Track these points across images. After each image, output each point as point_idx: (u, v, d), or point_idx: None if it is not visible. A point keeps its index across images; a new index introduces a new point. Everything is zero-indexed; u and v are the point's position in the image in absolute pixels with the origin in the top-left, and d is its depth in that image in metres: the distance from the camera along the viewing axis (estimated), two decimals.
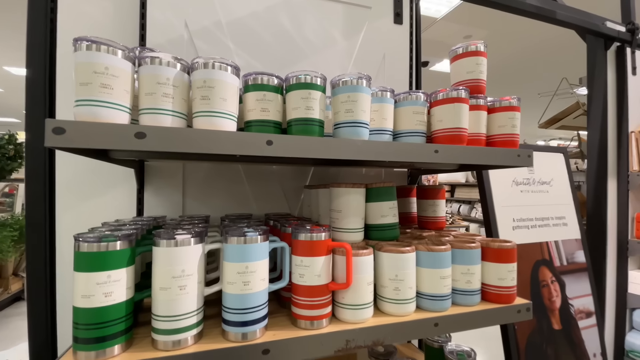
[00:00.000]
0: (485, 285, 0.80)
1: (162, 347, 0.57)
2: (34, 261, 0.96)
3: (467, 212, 5.94)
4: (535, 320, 1.04)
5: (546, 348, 1.04)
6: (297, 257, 0.67)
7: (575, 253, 1.16)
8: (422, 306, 0.75)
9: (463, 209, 6.05)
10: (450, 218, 5.16)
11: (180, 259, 0.57)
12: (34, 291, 0.97)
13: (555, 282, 1.10)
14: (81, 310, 0.53)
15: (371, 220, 0.84)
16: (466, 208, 6.02)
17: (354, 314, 0.68)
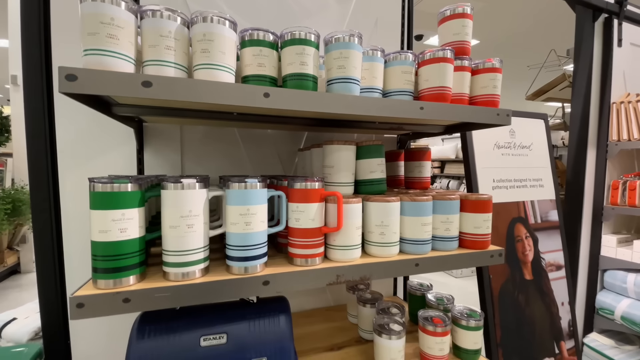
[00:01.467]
0: (463, 234, 0.89)
1: (172, 278, 0.63)
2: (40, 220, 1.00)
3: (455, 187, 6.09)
4: (509, 271, 1.15)
5: (518, 295, 1.15)
6: (293, 204, 0.73)
7: (549, 212, 1.26)
8: (405, 250, 0.83)
9: (452, 184, 6.19)
10: None
11: (187, 200, 0.63)
12: (41, 252, 1.02)
13: (529, 237, 1.20)
14: (99, 243, 0.59)
15: (361, 176, 0.91)
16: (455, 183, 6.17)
17: (343, 253, 0.76)
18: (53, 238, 1.02)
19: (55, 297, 1.03)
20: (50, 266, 1.02)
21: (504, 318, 1.11)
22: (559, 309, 1.22)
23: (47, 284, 1.03)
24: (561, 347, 1.21)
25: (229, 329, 0.72)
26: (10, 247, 4.29)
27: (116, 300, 0.58)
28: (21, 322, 1.35)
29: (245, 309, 0.77)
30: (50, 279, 1.03)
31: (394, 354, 0.86)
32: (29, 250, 4.41)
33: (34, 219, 1.02)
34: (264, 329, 0.74)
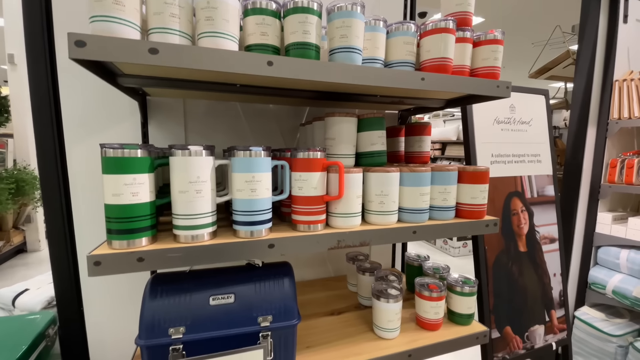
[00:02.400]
0: (460, 204, 0.92)
1: (183, 241, 0.67)
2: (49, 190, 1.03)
3: None
4: (504, 243, 1.19)
5: (511, 266, 1.20)
6: (296, 172, 0.76)
7: (545, 187, 1.29)
8: (403, 219, 0.86)
9: None
10: None
11: (195, 166, 0.65)
12: (52, 221, 1.05)
13: (524, 211, 1.23)
14: (113, 206, 0.62)
15: (362, 148, 0.93)
16: None
17: (344, 221, 0.79)
18: (62, 209, 1.05)
19: (67, 265, 1.07)
20: (61, 235, 1.06)
21: (497, 287, 1.16)
22: (550, 280, 1.27)
23: (59, 252, 1.07)
24: (551, 315, 1.27)
25: (236, 289, 0.76)
26: (15, 226, 4.37)
27: (131, 259, 0.62)
28: (33, 293, 1.41)
29: (251, 272, 0.81)
30: (61, 247, 1.06)
31: (391, 316, 0.91)
32: (34, 229, 4.49)
33: (43, 190, 1.05)
34: (269, 290, 0.78)
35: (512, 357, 1.16)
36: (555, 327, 1.27)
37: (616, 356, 1.76)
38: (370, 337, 0.94)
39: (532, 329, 1.22)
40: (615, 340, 1.76)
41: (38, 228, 4.49)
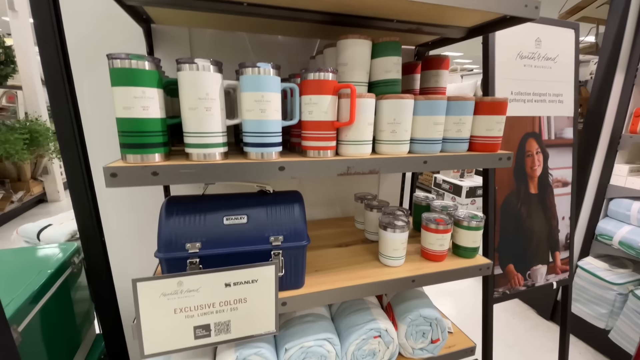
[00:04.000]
0: (474, 137, 0.90)
1: (195, 159, 0.68)
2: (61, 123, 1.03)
3: None
4: (515, 184, 1.18)
5: (520, 207, 1.20)
6: (306, 96, 0.74)
7: (564, 129, 1.24)
8: (415, 150, 0.85)
9: None
10: None
11: (203, 82, 0.64)
12: (68, 156, 1.06)
13: (539, 153, 1.20)
14: (125, 120, 0.62)
15: (375, 76, 0.89)
16: None
17: (355, 148, 0.78)
18: (77, 143, 1.06)
19: (86, 196, 1.12)
20: (77, 168, 1.08)
21: (504, 227, 1.17)
22: (558, 222, 1.27)
23: (77, 186, 1.10)
24: (555, 256, 1.29)
25: (248, 211, 0.79)
26: (34, 177, 4.52)
27: (145, 172, 0.63)
28: (57, 227, 1.49)
29: (263, 198, 0.83)
30: (79, 181, 1.10)
31: (397, 245, 0.93)
32: (52, 181, 4.66)
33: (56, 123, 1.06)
34: (280, 213, 0.81)
35: (512, 292, 1.21)
36: (558, 268, 1.30)
37: (615, 303, 1.82)
38: (376, 264, 0.98)
39: (535, 268, 1.25)
40: (616, 288, 1.81)
41: (56, 179, 4.65)
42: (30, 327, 0.92)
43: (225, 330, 0.77)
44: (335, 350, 0.91)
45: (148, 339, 0.71)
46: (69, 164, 1.07)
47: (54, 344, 1.02)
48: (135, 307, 0.69)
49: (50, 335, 1.01)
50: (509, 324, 2.26)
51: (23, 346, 0.87)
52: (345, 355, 0.93)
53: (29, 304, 0.93)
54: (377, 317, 0.97)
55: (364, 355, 0.94)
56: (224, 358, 0.82)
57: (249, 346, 0.83)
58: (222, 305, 0.75)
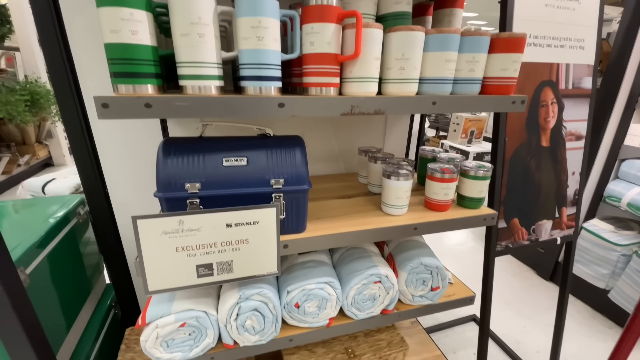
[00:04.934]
0: (487, 78, 0.84)
1: (190, 91, 0.64)
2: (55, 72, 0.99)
3: None
4: (526, 136, 1.13)
5: (530, 160, 1.16)
6: (308, 24, 0.68)
7: (583, 79, 1.17)
8: (423, 91, 0.80)
9: None
10: None
11: (195, 3, 0.59)
12: (67, 112, 1.03)
13: (555, 104, 1.14)
14: (113, 45, 0.58)
15: (384, 9, 0.83)
16: None
17: (359, 86, 0.74)
18: (74, 97, 1.02)
19: (87, 152, 1.10)
20: (77, 123, 1.05)
21: (511, 180, 1.14)
22: (568, 177, 1.24)
23: (77, 139, 1.08)
24: (562, 212, 1.27)
25: (248, 154, 0.76)
26: (39, 141, 4.53)
27: (138, 104, 0.60)
28: (61, 180, 1.50)
29: (263, 141, 0.80)
30: (79, 134, 1.07)
31: (400, 193, 0.91)
32: (57, 144, 4.66)
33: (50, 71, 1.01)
34: (281, 156, 0.78)
35: (515, 246, 1.20)
36: (564, 224, 1.28)
37: (617, 264, 1.83)
38: (378, 214, 0.96)
39: (540, 223, 1.23)
40: (619, 249, 1.81)
41: (61, 143, 4.66)
42: (38, 270, 0.94)
43: (227, 270, 0.77)
44: (336, 293, 0.92)
45: (151, 276, 0.72)
46: (67, 116, 1.04)
47: (63, 289, 1.05)
48: (137, 244, 0.69)
49: (59, 281, 1.03)
50: (508, 283, 2.30)
51: (32, 289, 0.90)
52: (345, 298, 0.95)
53: (35, 248, 0.95)
54: (377, 264, 0.97)
55: (364, 299, 0.96)
56: (227, 297, 0.83)
57: (251, 286, 0.85)
58: (223, 246, 0.75)
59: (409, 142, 1.47)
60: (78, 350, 1.10)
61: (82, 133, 1.08)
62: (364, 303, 0.97)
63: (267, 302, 0.85)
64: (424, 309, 1.06)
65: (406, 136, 1.44)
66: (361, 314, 0.98)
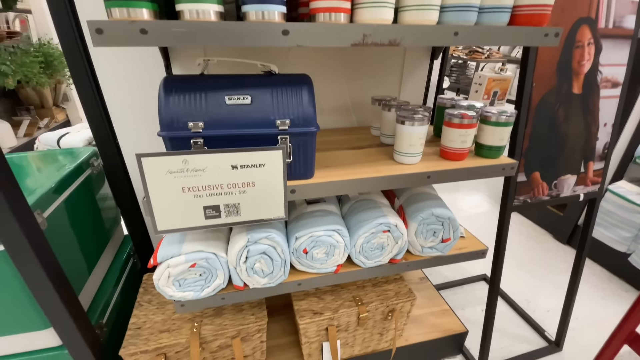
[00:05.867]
0: (518, 7, 0.75)
1: (187, 17, 0.59)
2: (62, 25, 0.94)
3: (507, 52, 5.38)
4: (556, 81, 1.03)
5: (558, 109, 1.07)
6: None
7: (625, 17, 1.04)
8: (445, 20, 0.72)
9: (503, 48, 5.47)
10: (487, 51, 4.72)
11: None
12: (75, 67, 1.00)
13: (591, 44, 1.03)
14: None
15: None
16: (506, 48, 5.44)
17: (373, 12, 0.67)
18: (79, 47, 0.98)
19: (96, 104, 1.08)
20: (84, 77, 1.03)
21: (536, 130, 1.06)
22: (599, 129, 1.14)
23: (87, 93, 1.06)
24: (588, 166, 1.19)
25: (252, 92, 0.73)
26: (56, 104, 4.60)
27: (133, 29, 0.56)
28: (74, 134, 1.52)
29: (267, 78, 0.76)
30: (88, 89, 1.05)
31: (414, 140, 0.87)
32: (74, 108, 4.73)
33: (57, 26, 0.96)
34: (287, 96, 0.74)
35: (533, 201, 1.15)
36: (589, 180, 1.21)
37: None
38: (390, 163, 0.93)
39: (563, 178, 1.17)
40: None
41: (77, 106, 4.72)
42: (55, 214, 0.97)
43: (235, 213, 0.77)
44: (344, 241, 0.92)
45: (159, 216, 0.73)
46: (75, 72, 1.02)
47: (81, 235, 1.09)
48: (143, 183, 0.69)
49: (77, 227, 1.07)
50: (523, 245, 2.27)
51: (51, 232, 0.93)
52: (354, 247, 0.94)
53: (52, 193, 0.97)
54: (387, 214, 0.95)
55: (372, 248, 0.95)
56: (236, 240, 0.84)
57: (260, 230, 0.85)
58: (230, 188, 0.74)
59: (426, 94, 1.38)
60: (99, 294, 1.16)
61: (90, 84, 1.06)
62: (372, 252, 0.96)
63: (275, 246, 0.85)
64: (434, 260, 1.05)
65: (424, 86, 1.36)
66: (369, 262, 0.97)
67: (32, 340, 0.93)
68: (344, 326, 1.11)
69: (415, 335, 1.35)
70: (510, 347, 1.53)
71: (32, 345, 0.95)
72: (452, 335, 1.37)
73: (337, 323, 1.09)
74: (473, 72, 5.12)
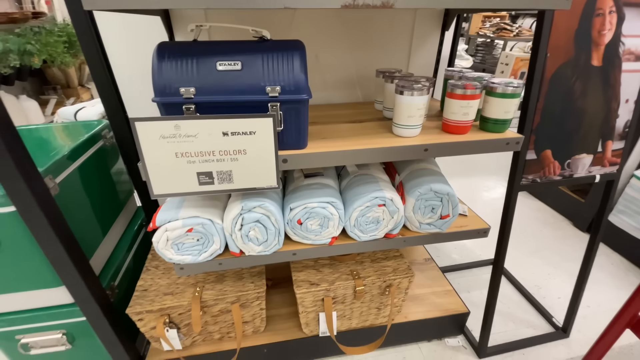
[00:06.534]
0: None
1: None
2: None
3: None
4: (573, 52, 0.96)
5: (574, 82, 1.00)
6: None
7: None
8: None
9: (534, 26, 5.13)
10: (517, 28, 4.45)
11: None
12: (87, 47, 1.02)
13: (613, 12, 0.94)
14: None
15: None
16: None
17: None
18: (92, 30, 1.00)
19: (106, 76, 1.11)
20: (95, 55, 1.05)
21: (549, 104, 1.00)
22: (619, 105, 1.06)
23: (98, 71, 1.08)
24: (606, 146, 1.12)
25: (243, 58, 0.72)
26: (81, 84, 4.78)
27: None
28: (90, 108, 1.58)
29: (259, 44, 0.75)
30: (98, 66, 1.07)
31: (412, 111, 0.84)
32: None
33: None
34: (278, 62, 0.73)
35: (544, 180, 1.10)
36: (607, 160, 1.14)
37: None
38: (388, 135, 0.91)
39: (577, 157, 1.10)
40: None
41: None
42: (68, 181, 1.02)
43: (227, 180, 0.78)
44: (338, 213, 0.92)
45: (155, 180, 0.75)
46: (87, 51, 1.04)
47: (94, 202, 1.15)
48: (137, 147, 0.71)
49: (89, 194, 1.13)
50: (538, 231, 2.19)
51: (62, 197, 0.98)
52: (348, 220, 0.94)
53: (65, 160, 1.03)
54: (383, 188, 0.94)
55: (367, 222, 0.95)
56: (231, 208, 0.86)
57: (253, 199, 0.86)
58: (222, 155, 0.75)
59: (436, 68, 1.33)
60: (112, 258, 1.23)
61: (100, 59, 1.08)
62: (367, 225, 0.96)
63: (269, 215, 0.87)
64: (432, 237, 1.04)
65: (434, 60, 1.30)
66: (364, 236, 0.98)
67: (47, 296, 1.01)
68: (341, 298, 1.13)
69: (415, 312, 1.35)
70: (514, 331, 1.51)
71: (47, 302, 1.03)
72: (453, 315, 1.37)
73: (334, 295, 1.11)
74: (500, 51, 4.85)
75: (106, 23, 1.03)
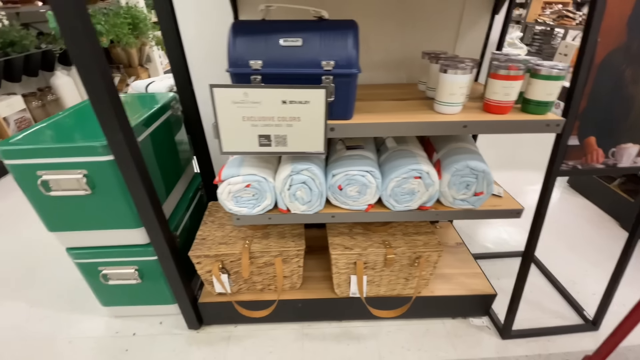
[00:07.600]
0: None
1: None
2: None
3: None
4: (626, 37, 0.94)
5: (626, 68, 0.98)
6: None
7: None
8: None
9: None
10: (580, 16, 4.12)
11: None
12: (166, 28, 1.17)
13: None
14: None
15: None
16: None
17: None
18: None
19: (178, 52, 1.27)
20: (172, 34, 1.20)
21: (596, 90, 1.00)
22: None
23: (173, 47, 1.24)
24: None
25: (303, 35, 0.83)
26: (140, 64, 5.20)
27: None
28: (159, 82, 1.79)
29: (318, 23, 0.85)
30: (174, 45, 1.23)
31: (454, 89, 0.90)
32: (154, 68, 5.30)
33: None
34: (333, 40, 0.83)
35: (585, 168, 1.10)
36: None
37: None
38: (429, 112, 0.97)
39: (623, 146, 1.08)
40: None
41: (157, 67, 5.28)
42: (143, 143, 1.20)
43: (282, 143, 0.91)
44: (376, 182, 1.01)
45: (224, 138, 0.90)
46: (165, 30, 1.19)
47: (162, 164, 1.34)
48: (213, 109, 0.85)
49: (158, 156, 1.31)
50: (580, 228, 2.12)
51: None
52: (385, 189, 1.03)
53: (142, 125, 1.21)
54: (420, 162, 1.02)
55: (403, 192, 1.03)
56: (282, 169, 0.99)
57: (302, 162, 0.98)
58: (279, 120, 0.87)
59: (483, 52, 1.34)
60: (174, 214, 1.43)
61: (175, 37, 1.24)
62: (403, 196, 1.04)
63: (314, 177, 0.98)
64: (464, 213, 1.09)
65: (482, 44, 1.32)
66: (398, 206, 1.06)
67: (127, 236, 1.22)
68: (372, 264, 1.23)
69: (442, 289, 1.42)
70: (541, 319, 1.52)
71: (127, 241, 1.24)
72: (479, 295, 1.42)
73: (365, 260, 1.21)
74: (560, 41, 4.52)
75: (182, 7, 1.17)
